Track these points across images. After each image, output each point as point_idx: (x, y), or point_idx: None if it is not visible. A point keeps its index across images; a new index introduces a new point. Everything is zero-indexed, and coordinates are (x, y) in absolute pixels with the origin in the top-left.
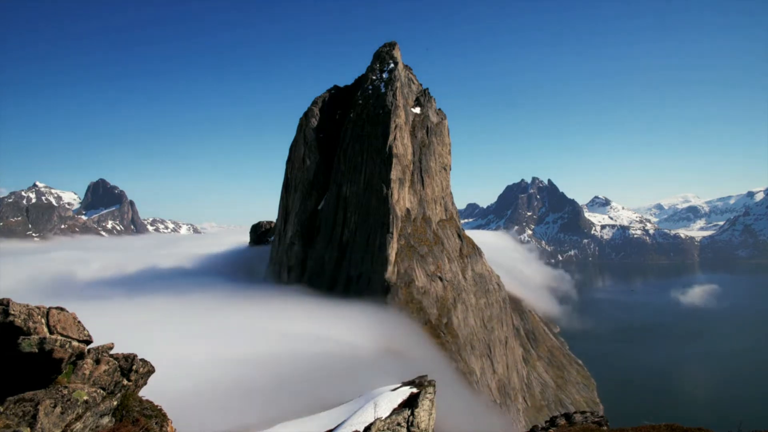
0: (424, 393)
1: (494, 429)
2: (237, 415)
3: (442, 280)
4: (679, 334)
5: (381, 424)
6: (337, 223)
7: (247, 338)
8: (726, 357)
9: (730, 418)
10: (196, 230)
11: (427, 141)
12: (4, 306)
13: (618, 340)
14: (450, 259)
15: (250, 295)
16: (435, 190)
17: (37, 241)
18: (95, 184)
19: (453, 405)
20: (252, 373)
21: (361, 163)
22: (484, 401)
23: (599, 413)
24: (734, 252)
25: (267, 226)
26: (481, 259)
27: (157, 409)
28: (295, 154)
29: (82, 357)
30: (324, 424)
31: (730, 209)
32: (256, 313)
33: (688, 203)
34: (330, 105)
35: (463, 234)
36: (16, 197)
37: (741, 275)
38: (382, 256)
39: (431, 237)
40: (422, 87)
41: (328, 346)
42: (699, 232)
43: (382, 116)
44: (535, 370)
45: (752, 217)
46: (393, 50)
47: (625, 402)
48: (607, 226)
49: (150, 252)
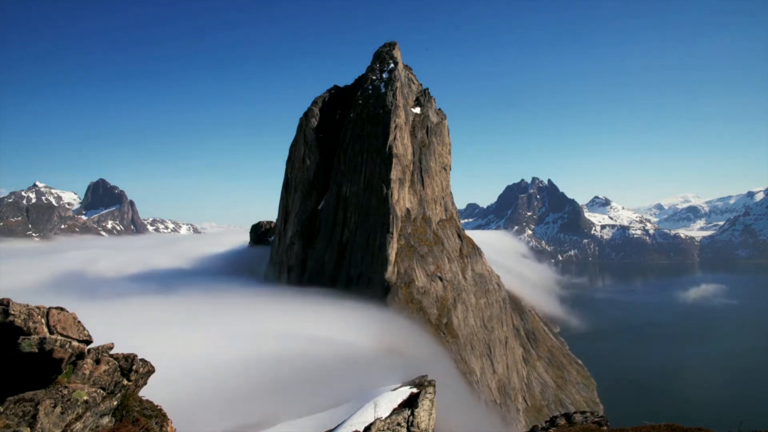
0: (424, 393)
1: (494, 429)
2: (237, 415)
3: (442, 280)
4: (679, 334)
5: (381, 424)
6: (337, 223)
7: (248, 338)
8: (726, 357)
9: (730, 418)
10: (196, 230)
11: (427, 141)
12: (4, 306)
13: (618, 340)
14: (450, 259)
15: (250, 295)
16: (435, 190)
17: (37, 241)
18: (95, 184)
19: (453, 405)
20: (252, 373)
21: (361, 163)
22: (484, 401)
23: (599, 413)
24: (734, 252)
25: (267, 226)
26: (481, 259)
27: (157, 409)
28: (295, 154)
29: (82, 357)
30: (324, 424)
31: (730, 209)
32: (256, 313)
33: (688, 203)
34: (330, 105)
35: (463, 234)
36: (16, 197)
37: (741, 275)
38: (382, 256)
39: (431, 237)
40: (422, 87)
41: (328, 345)
42: (699, 232)
43: (382, 116)
44: (535, 370)
45: (752, 217)
46: (393, 50)
47: (625, 402)
48: (607, 226)
49: (150, 252)
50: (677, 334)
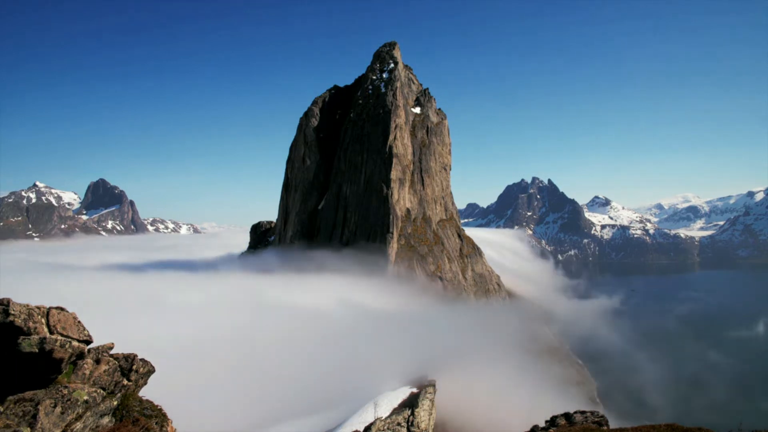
0: (425, 393)
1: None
2: (237, 415)
3: (442, 280)
4: (679, 334)
5: (381, 423)
6: (337, 222)
7: (248, 338)
8: (726, 356)
9: (730, 418)
10: (196, 230)
11: (427, 141)
12: (4, 306)
13: (618, 340)
14: (450, 259)
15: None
16: (435, 190)
17: (38, 241)
18: (95, 184)
19: (454, 405)
20: (252, 373)
21: (361, 162)
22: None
23: (599, 413)
24: (734, 252)
25: (267, 226)
26: (481, 259)
27: (157, 409)
28: (295, 154)
29: (82, 357)
30: (324, 423)
31: (730, 209)
32: (256, 313)
33: (688, 203)
34: (330, 105)
35: (463, 234)
36: (16, 197)
37: (741, 275)
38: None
39: (431, 237)
40: (422, 87)
41: (328, 345)
42: (699, 231)
43: (382, 116)
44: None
45: (752, 217)
46: (393, 50)
47: (625, 402)
48: (607, 225)
49: (149, 251)
50: (677, 334)
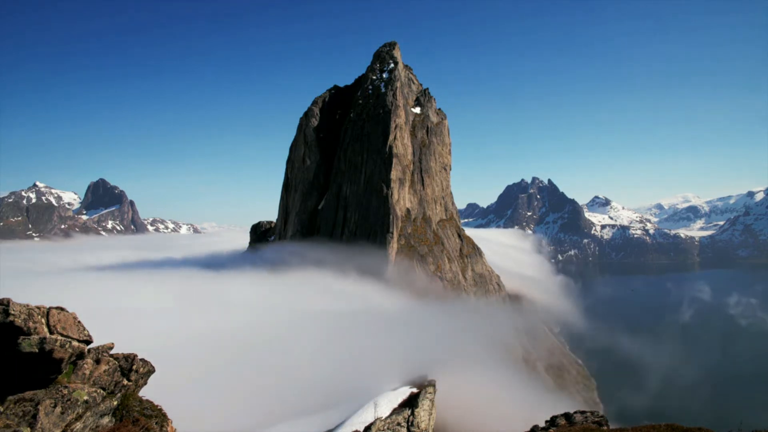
0: (425, 393)
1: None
2: (237, 414)
3: (442, 280)
4: (679, 334)
5: (381, 423)
6: (337, 222)
7: (248, 338)
8: (726, 356)
9: (730, 418)
10: (196, 230)
11: (427, 141)
12: (4, 306)
13: (618, 340)
14: (450, 259)
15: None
16: (435, 190)
17: (37, 241)
18: (95, 184)
19: (454, 405)
20: (252, 372)
21: (361, 162)
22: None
23: (599, 413)
24: (734, 252)
25: (267, 226)
26: (481, 259)
27: (157, 409)
28: (295, 154)
29: (82, 357)
30: (324, 423)
31: (730, 209)
32: (256, 313)
33: (688, 203)
34: (330, 105)
35: (463, 234)
36: (16, 197)
37: (741, 275)
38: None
39: (431, 237)
40: (422, 87)
41: (328, 345)
42: (699, 231)
43: (382, 116)
44: (534, 370)
45: (752, 217)
46: (393, 50)
47: (625, 402)
48: (607, 225)
49: (151, 252)
50: (677, 334)
